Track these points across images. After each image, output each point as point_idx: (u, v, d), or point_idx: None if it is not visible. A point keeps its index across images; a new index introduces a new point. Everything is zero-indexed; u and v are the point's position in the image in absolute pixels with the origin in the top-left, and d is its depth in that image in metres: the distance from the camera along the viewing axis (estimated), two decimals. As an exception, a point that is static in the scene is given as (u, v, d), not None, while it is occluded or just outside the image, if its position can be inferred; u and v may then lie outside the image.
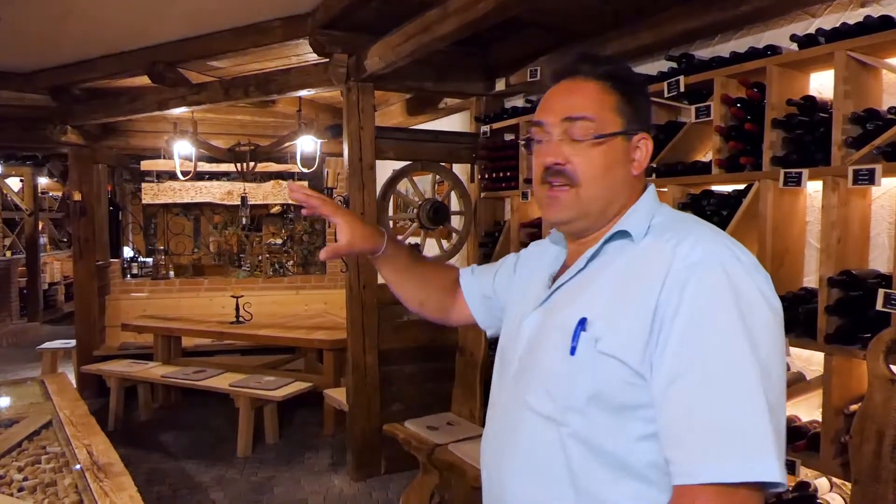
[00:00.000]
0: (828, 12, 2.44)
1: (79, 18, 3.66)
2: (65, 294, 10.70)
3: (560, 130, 1.04)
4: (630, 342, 0.92)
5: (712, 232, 0.99)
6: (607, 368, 0.94)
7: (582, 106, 1.03)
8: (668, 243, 0.96)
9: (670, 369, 0.88)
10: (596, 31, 3.19)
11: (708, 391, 0.85)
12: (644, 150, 1.06)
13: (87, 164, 5.82)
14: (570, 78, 1.07)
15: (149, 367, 5.20)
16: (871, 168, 2.03)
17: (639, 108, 1.06)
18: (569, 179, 1.03)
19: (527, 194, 3.70)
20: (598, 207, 1.04)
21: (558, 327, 1.01)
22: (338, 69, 3.72)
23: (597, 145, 1.02)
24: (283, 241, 7.76)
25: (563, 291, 1.07)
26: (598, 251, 1.04)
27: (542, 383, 1.01)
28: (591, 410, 0.95)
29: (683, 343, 0.88)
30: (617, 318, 0.95)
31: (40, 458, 2.51)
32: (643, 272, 0.96)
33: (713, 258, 0.92)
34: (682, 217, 1.07)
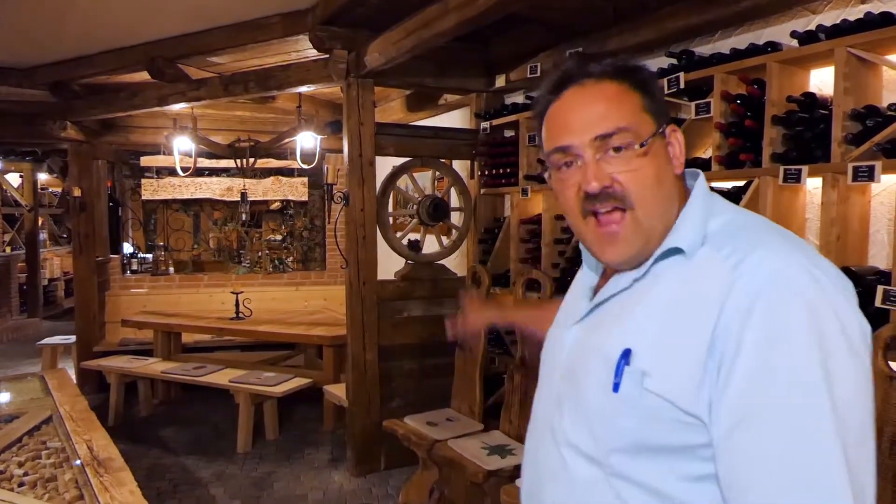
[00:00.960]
0: (828, 9, 2.44)
1: (78, 14, 3.66)
2: (65, 290, 10.71)
3: (593, 150, 0.88)
4: (681, 381, 0.80)
5: (784, 242, 0.83)
6: (655, 408, 0.82)
7: (610, 115, 0.88)
8: (728, 261, 0.81)
9: (733, 413, 0.76)
10: (596, 28, 3.18)
11: (774, 441, 0.74)
12: (677, 143, 0.92)
13: (87, 159, 5.81)
14: (578, 84, 0.91)
15: (149, 362, 5.21)
16: (871, 165, 2.04)
17: (659, 100, 0.93)
18: (620, 201, 0.87)
19: (527, 190, 3.70)
20: (661, 224, 0.89)
21: (600, 355, 0.88)
22: (338, 65, 3.72)
23: (644, 154, 0.87)
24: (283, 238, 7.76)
25: (605, 310, 0.94)
26: (648, 271, 0.90)
27: (584, 420, 0.90)
28: (640, 452, 0.84)
29: (748, 383, 0.75)
30: (666, 351, 0.82)
31: (41, 453, 2.52)
32: (696, 296, 0.82)
33: (784, 279, 0.77)
34: (745, 220, 0.89)
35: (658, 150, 0.89)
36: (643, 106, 0.90)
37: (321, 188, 7.13)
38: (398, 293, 4.05)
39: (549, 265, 3.55)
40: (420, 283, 4.12)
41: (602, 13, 3.09)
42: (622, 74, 0.90)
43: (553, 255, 3.56)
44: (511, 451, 2.93)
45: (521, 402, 3.11)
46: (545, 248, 3.59)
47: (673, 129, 0.92)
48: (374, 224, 3.91)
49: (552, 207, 3.59)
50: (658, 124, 0.90)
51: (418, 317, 4.09)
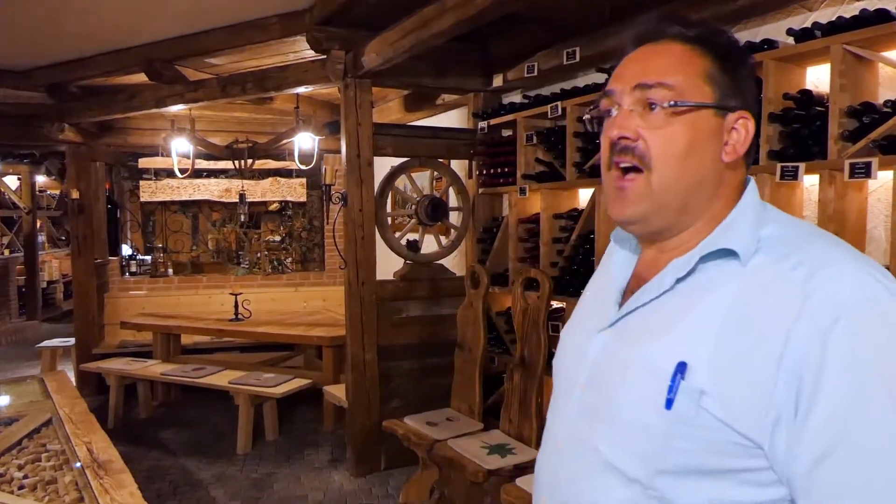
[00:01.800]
0: (824, 6, 2.44)
1: (75, 16, 3.65)
2: (63, 292, 10.70)
3: (631, 100, 0.84)
4: (743, 403, 0.73)
5: (851, 255, 0.77)
6: (711, 429, 0.75)
7: (660, 70, 0.83)
8: (796, 272, 0.74)
9: (818, 445, 0.69)
10: (593, 27, 3.19)
11: (871, 471, 0.68)
12: (743, 132, 0.84)
13: (85, 161, 5.81)
14: (654, 41, 0.87)
15: (148, 364, 5.20)
16: (868, 161, 2.04)
17: (740, 81, 0.85)
18: (639, 159, 0.83)
19: (525, 190, 3.71)
20: (677, 200, 0.83)
21: (643, 367, 0.81)
22: (335, 66, 3.72)
23: (675, 116, 0.82)
24: (282, 238, 7.76)
25: (642, 315, 0.86)
26: (692, 271, 0.83)
27: (624, 436, 0.82)
28: (688, 474, 0.77)
29: (836, 411, 0.69)
30: (727, 368, 0.75)
31: (40, 455, 2.52)
32: (761, 310, 0.75)
33: (863, 295, 0.71)
34: (802, 229, 0.83)
35: (702, 124, 0.82)
36: (707, 74, 0.83)
37: (319, 189, 7.14)
38: (397, 293, 4.05)
39: (547, 264, 3.55)
40: (419, 283, 4.12)
41: (599, 12, 3.09)
42: (700, 40, 0.85)
43: (552, 254, 3.56)
44: (511, 450, 2.93)
45: (520, 401, 3.11)
46: (543, 247, 3.60)
47: (742, 115, 0.84)
48: (372, 224, 3.91)
49: (550, 206, 3.59)
50: (719, 99, 0.83)
51: (417, 317, 4.09)
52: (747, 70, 0.87)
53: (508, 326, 3.83)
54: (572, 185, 3.44)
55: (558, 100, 3.45)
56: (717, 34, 0.86)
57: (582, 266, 3.31)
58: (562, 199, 3.62)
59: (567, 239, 3.46)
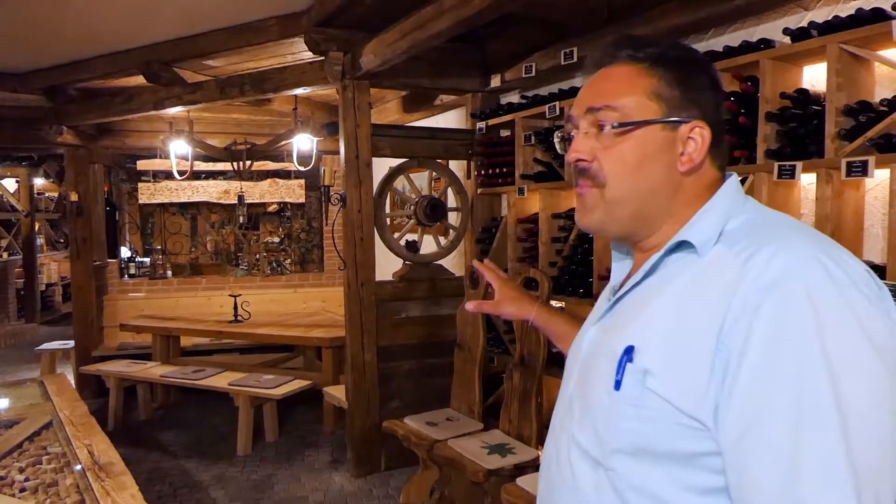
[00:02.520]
0: (820, 5, 2.45)
1: (73, 18, 3.66)
2: (62, 295, 10.70)
3: (586, 123, 0.91)
4: (685, 383, 0.76)
5: (802, 238, 0.79)
6: (657, 410, 0.78)
7: (607, 92, 0.89)
8: (739, 256, 0.78)
9: (738, 421, 0.72)
10: (591, 27, 3.20)
11: (777, 451, 0.70)
12: (698, 141, 0.87)
13: (84, 164, 5.81)
14: (607, 66, 0.93)
15: (147, 366, 5.20)
16: (865, 160, 2.05)
17: (691, 91, 0.88)
18: (592, 179, 0.90)
19: (523, 190, 3.71)
20: (628, 211, 0.89)
21: (607, 353, 0.87)
22: (333, 67, 3.72)
23: (622, 135, 0.87)
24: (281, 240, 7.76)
25: (620, 309, 0.93)
26: (657, 265, 0.88)
27: (590, 419, 0.88)
28: (642, 456, 0.80)
29: (753, 388, 0.71)
30: (672, 350, 0.79)
31: (41, 458, 2.52)
32: (705, 294, 0.79)
33: (794, 274, 0.72)
34: (766, 219, 0.86)
35: (651, 139, 0.87)
36: (652, 92, 0.87)
37: (318, 190, 7.14)
38: (396, 294, 4.06)
39: (546, 264, 3.56)
40: (418, 283, 4.13)
41: (597, 12, 3.10)
42: (650, 58, 0.89)
43: (550, 253, 3.57)
44: (511, 449, 2.94)
45: (520, 401, 3.11)
46: (542, 246, 3.60)
47: (696, 125, 0.87)
48: (371, 225, 3.92)
49: (549, 206, 3.60)
50: (667, 113, 0.87)
51: (417, 317, 4.09)
52: (703, 80, 0.90)
53: (508, 326, 3.84)
54: (570, 185, 3.44)
55: (556, 100, 3.46)
56: (666, 51, 0.90)
57: (580, 266, 3.32)
58: (560, 199, 3.63)
59: (566, 239, 3.46)
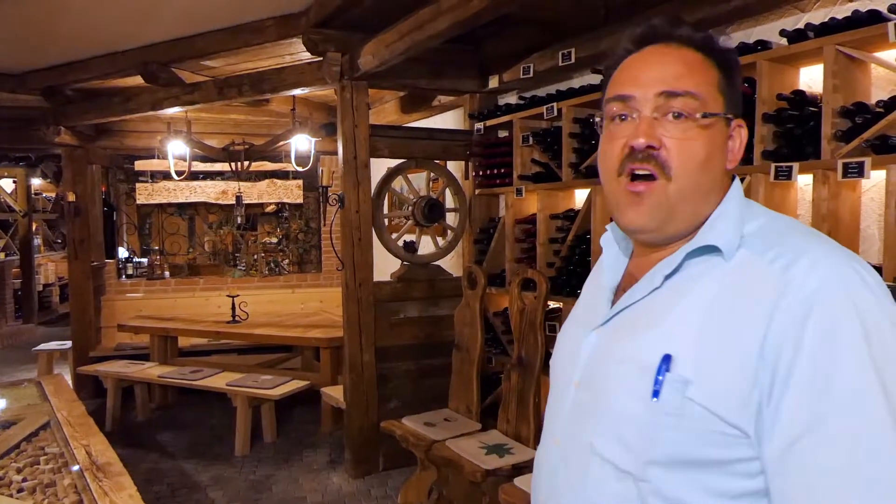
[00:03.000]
0: (817, 7, 2.46)
1: (71, 19, 3.65)
2: (60, 295, 10.68)
3: (654, 106, 0.83)
4: (727, 391, 0.76)
5: (829, 247, 0.79)
6: (697, 419, 0.77)
7: (683, 78, 0.83)
8: (775, 265, 0.77)
9: (788, 430, 0.72)
10: (588, 27, 3.20)
11: (835, 457, 0.70)
12: (739, 139, 0.87)
13: (81, 164, 5.80)
14: (663, 43, 0.86)
15: (145, 367, 5.20)
16: (861, 161, 2.06)
17: (736, 88, 0.87)
18: (660, 168, 0.83)
19: (521, 190, 3.72)
20: (689, 210, 0.85)
21: (633, 363, 0.83)
22: (331, 68, 3.73)
23: (702, 128, 0.83)
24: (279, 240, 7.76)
25: (632, 313, 0.88)
26: (679, 268, 0.85)
27: (614, 429, 0.84)
28: (676, 465, 0.79)
29: (806, 396, 0.71)
30: (710, 358, 0.77)
31: (39, 459, 2.52)
32: (741, 301, 0.77)
33: (837, 284, 0.73)
34: (783, 224, 0.86)
35: (717, 134, 0.85)
36: (718, 84, 0.85)
37: (316, 190, 7.14)
38: (394, 294, 4.06)
39: (544, 264, 3.56)
40: (416, 283, 4.13)
41: (594, 12, 3.11)
42: (708, 48, 0.86)
43: (548, 254, 3.58)
44: (509, 450, 2.94)
45: (518, 401, 3.12)
46: (540, 247, 3.61)
47: (740, 123, 0.87)
48: (369, 226, 3.92)
49: (546, 207, 3.60)
50: (727, 109, 0.86)
51: (415, 318, 4.10)
52: (740, 79, 0.89)
53: (505, 327, 3.84)
54: (568, 185, 3.45)
55: (554, 101, 3.46)
56: (718, 42, 0.87)
57: (578, 266, 3.33)
58: (558, 200, 3.63)
59: (563, 239, 3.47)
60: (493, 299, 4.05)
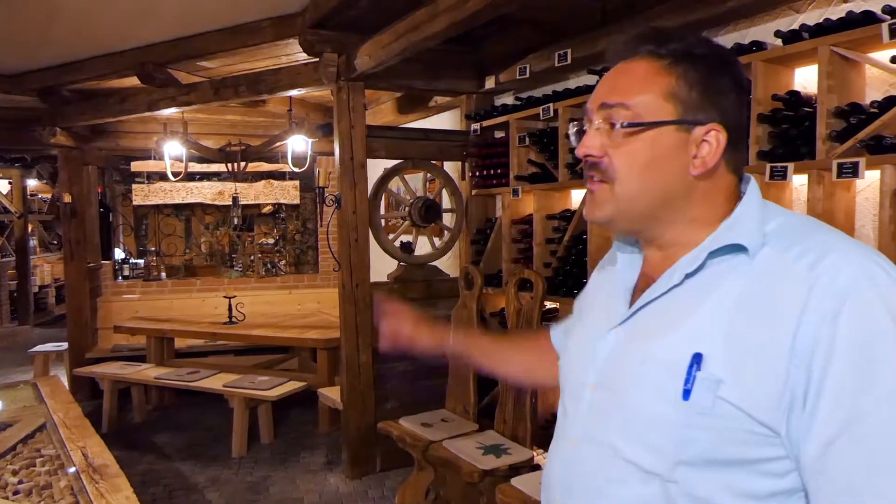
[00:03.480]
0: (811, 8, 2.47)
1: (67, 19, 3.65)
2: (55, 296, 10.65)
3: (599, 118, 0.89)
4: (758, 391, 0.76)
5: (850, 243, 0.80)
6: (728, 418, 0.77)
7: (622, 89, 0.87)
8: (801, 261, 0.77)
9: (826, 429, 0.72)
10: (585, 28, 3.21)
11: (875, 455, 0.70)
12: (713, 144, 0.86)
13: (77, 165, 5.79)
14: (628, 59, 0.90)
15: (142, 368, 5.19)
16: (855, 161, 2.07)
17: (711, 93, 0.86)
18: (602, 174, 0.89)
19: (518, 191, 3.72)
20: (642, 208, 0.88)
21: (658, 361, 0.83)
22: (328, 68, 3.73)
23: (633, 135, 0.86)
24: (276, 241, 7.75)
25: (652, 311, 0.88)
26: (701, 266, 0.85)
27: (640, 430, 0.83)
28: (705, 465, 0.79)
29: (843, 394, 0.71)
30: (740, 358, 0.77)
31: (35, 461, 2.51)
32: (769, 299, 0.78)
33: (865, 281, 0.74)
34: (803, 222, 0.86)
35: (663, 139, 0.85)
36: (669, 92, 0.85)
37: (313, 191, 7.13)
38: (391, 295, 4.06)
39: (540, 265, 3.57)
40: (413, 284, 4.13)
41: (591, 14, 3.12)
42: (673, 55, 0.86)
43: (545, 254, 3.58)
44: (506, 450, 2.94)
45: (514, 401, 3.12)
46: (537, 247, 3.61)
47: (715, 128, 0.85)
48: (366, 226, 3.92)
49: (543, 208, 3.61)
50: (682, 115, 0.85)
51: (412, 318, 4.09)
52: (725, 82, 0.87)
53: (502, 327, 3.84)
54: (565, 186, 3.46)
55: (550, 101, 3.47)
56: (692, 48, 0.87)
57: (575, 266, 3.33)
58: (554, 200, 3.64)
59: (560, 240, 3.48)
60: (490, 300, 4.05)
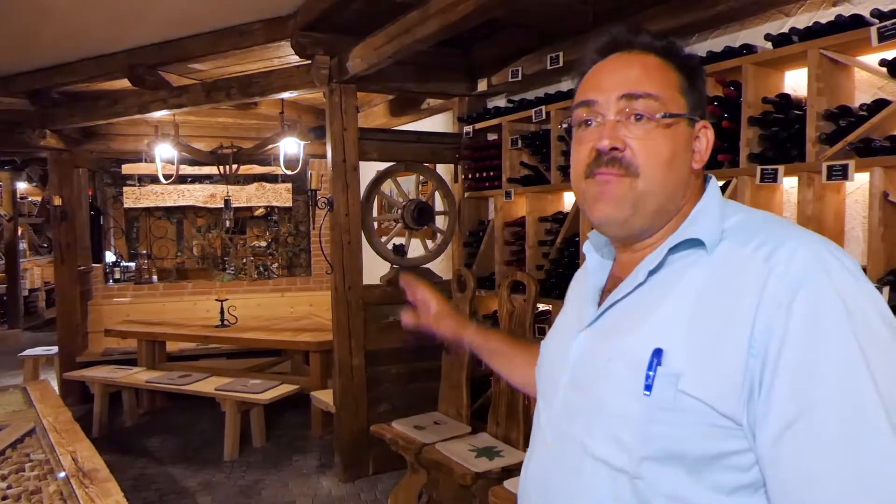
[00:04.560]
0: (801, 11, 2.49)
1: (56, 21, 3.63)
2: (46, 300, 10.57)
3: (616, 109, 0.87)
4: (719, 382, 0.76)
5: (807, 235, 0.81)
6: (690, 412, 0.77)
7: (643, 80, 0.87)
8: (757, 253, 0.78)
9: (781, 416, 0.72)
10: (576, 32, 3.22)
11: (827, 441, 0.70)
12: (705, 140, 0.90)
13: (68, 168, 5.75)
14: (626, 51, 0.90)
15: (133, 372, 5.16)
16: (845, 164, 2.08)
17: (699, 92, 0.91)
18: (625, 169, 0.85)
19: (510, 193, 3.73)
20: (654, 205, 0.87)
21: (624, 359, 0.83)
22: (320, 71, 3.72)
23: (663, 128, 0.86)
24: (268, 244, 7.73)
25: (619, 311, 0.89)
26: (662, 263, 0.86)
27: (607, 427, 0.84)
28: (671, 461, 0.79)
29: (796, 382, 0.72)
30: (700, 350, 0.78)
31: (24, 465, 2.49)
32: (728, 291, 0.79)
33: (818, 269, 0.74)
34: (762, 217, 0.88)
35: (680, 134, 0.87)
36: (680, 87, 0.88)
37: (305, 194, 7.12)
38: (384, 297, 4.05)
39: (533, 267, 3.57)
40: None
41: (581, 17, 3.13)
42: (669, 53, 0.90)
43: (537, 256, 3.59)
44: (499, 452, 2.94)
45: (507, 403, 3.12)
46: (529, 250, 3.62)
47: (705, 125, 0.90)
48: (358, 229, 3.91)
49: (535, 210, 3.61)
50: (690, 110, 0.89)
51: (404, 321, 4.09)
52: (703, 81, 0.92)
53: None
54: (557, 188, 3.47)
55: (542, 104, 3.48)
56: (678, 48, 0.91)
57: (567, 269, 3.34)
58: (547, 203, 3.65)
59: (552, 242, 3.48)
60: (483, 302, 4.05)
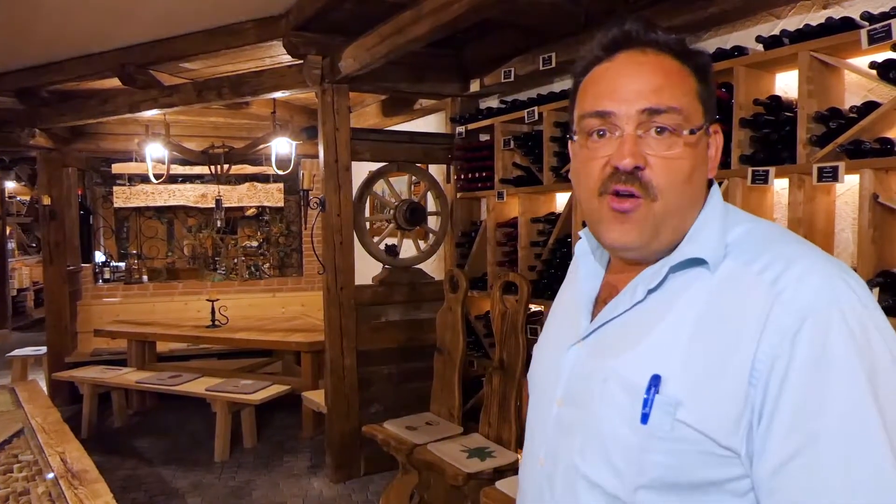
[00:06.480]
0: (792, 14, 2.50)
1: (46, 19, 3.60)
2: (34, 300, 10.48)
3: (637, 123, 0.79)
4: (718, 413, 0.73)
5: (816, 256, 0.76)
6: (688, 441, 0.74)
7: (666, 91, 0.79)
8: (763, 276, 0.74)
9: (781, 450, 0.69)
10: (568, 33, 3.23)
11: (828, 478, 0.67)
12: (716, 145, 0.84)
13: (57, 167, 5.71)
14: (638, 49, 0.82)
15: (122, 372, 5.13)
16: (835, 166, 2.10)
17: (711, 93, 0.83)
18: (644, 189, 0.78)
19: (502, 194, 3.73)
20: (671, 225, 0.81)
21: (619, 381, 0.79)
22: (312, 71, 3.71)
23: (686, 144, 0.79)
24: (260, 244, 7.70)
25: (615, 327, 0.84)
26: (663, 282, 0.81)
27: (602, 452, 0.80)
28: (668, 489, 0.76)
29: (798, 415, 0.69)
30: (700, 378, 0.74)
31: (12, 466, 2.47)
32: (730, 316, 0.74)
33: (828, 297, 0.70)
34: (767, 230, 0.82)
35: (700, 147, 0.81)
36: (698, 93, 0.81)
37: (297, 194, 7.10)
38: (376, 298, 4.05)
39: (525, 268, 3.57)
40: (398, 287, 4.12)
41: (574, 18, 3.13)
42: (684, 54, 0.82)
43: (529, 257, 3.59)
44: (490, 453, 2.94)
45: (499, 404, 3.12)
46: (521, 251, 3.62)
47: (716, 129, 0.84)
48: (350, 229, 3.91)
49: (528, 211, 3.62)
50: (706, 118, 0.82)
51: (396, 321, 4.09)
52: (713, 80, 0.86)
53: (487, 330, 3.85)
54: (549, 189, 3.47)
55: (535, 105, 3.48)
56: (691, 45, 0.85)
57: (560, 269, 3.34)
58: (539, 204, 3.65)
59: (545, 243, 3.49)
60: (475, 303, 4.05)
